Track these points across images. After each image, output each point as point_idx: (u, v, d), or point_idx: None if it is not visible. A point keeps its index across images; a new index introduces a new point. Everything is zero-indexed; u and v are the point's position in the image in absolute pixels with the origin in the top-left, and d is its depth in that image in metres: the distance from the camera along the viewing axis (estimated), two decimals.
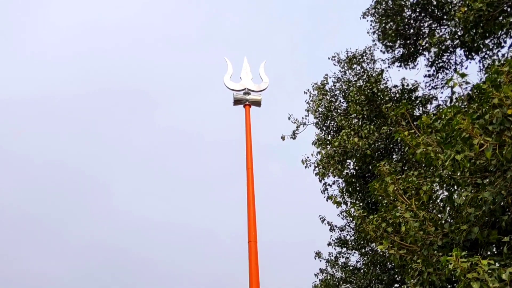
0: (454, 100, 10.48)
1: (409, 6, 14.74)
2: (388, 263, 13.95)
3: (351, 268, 16.55)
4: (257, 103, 11.89)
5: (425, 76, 16.10)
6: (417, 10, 14.83)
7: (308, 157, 14.78)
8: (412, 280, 8.52)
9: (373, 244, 13.87)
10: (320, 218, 16.61)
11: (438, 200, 9.73)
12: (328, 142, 14.82)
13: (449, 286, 9.19)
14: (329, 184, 15.59)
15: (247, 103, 11.83)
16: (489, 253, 8.14)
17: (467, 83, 8.18)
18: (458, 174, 8.24)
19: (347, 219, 17.06)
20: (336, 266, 17.19)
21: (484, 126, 7.11)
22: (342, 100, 15.92)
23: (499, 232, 7.76)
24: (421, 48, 15.21)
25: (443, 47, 14.48)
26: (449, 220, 8.60)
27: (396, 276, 13.96)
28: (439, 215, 8.86)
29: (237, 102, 11.87)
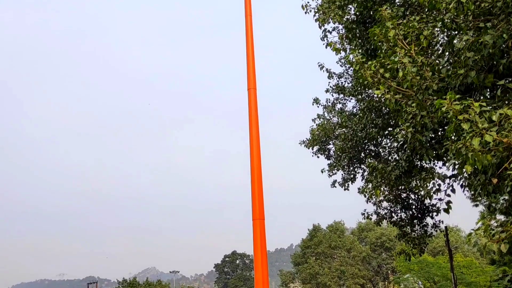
0: None
1: None
2: (384, 108, 14.41)
3: (347, 113, 17.16)
4: None
5: None
6: None
7: (308, 2, 14.33)
8: (405, 123, 8.94)
9: (370, 90, 14.19)
10: (319, 65, 16.71)
11: (438, 45, 9.72)
12: None
13: (440, 129, 9.69)
14: (328, 31, 15.34)
15: None
16: (482, 97, 8.43)
17: None
18: (461, 17, 8.13)
19: (345, 66, 17.19)
20: (333, 112, 17.81)
21: None
22: None
23: (495, 76, 7.94)
24: None
25: None
26: (446, 65, 8.72)
27: (390, 120, 14.54)
28: (438, 60, 8.95)
29: None
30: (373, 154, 16.14)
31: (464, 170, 7.34)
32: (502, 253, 26.66)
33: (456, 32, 8.77)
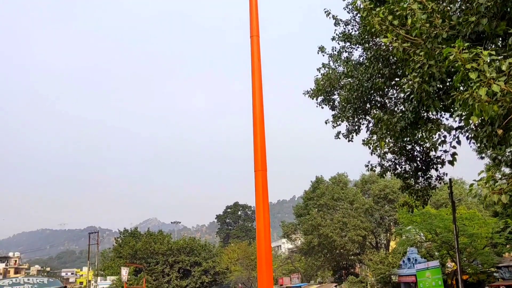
0: None
1: None
2: (391, 57, 14.27)
3: (353, 62, 17.00)
4: None
5: None
6: None
7: None
8: (412, 73, 8.92)
9: (378, 38, 14.00)
10: (325, 12, 16.42)
11: None
12: None
13: (448, 79, 9.66)
14: None
15: None
16: (493, 46, 8.36)
17: None
18: None
19: (353, 13, 16.87)
20: (339, 61, 17.65)
21: None
22: None
23: (507, 24, 7.85)
24: None
25: None
26: (458, 12, 8.59)
27: (397, 70, 14.43)
28: (449, 7, 8.81)
29: None
30: (378, 105, 16.13)
31: (470, 121, 7.40)
32: (505, 205, 27.14)
33: None
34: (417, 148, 16.03)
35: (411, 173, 16.70)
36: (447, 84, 10.28)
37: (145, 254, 57.04)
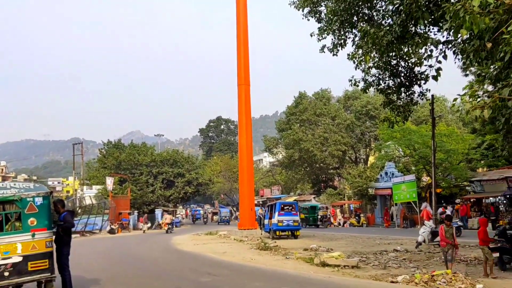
0: None
1: None
2: None
3: None
4: None
5: None
6: None
7: None
8: None
9: None
10: None
11: None
12: None
13: None
14: None
15: None
16: None
17: None
18: None
19: None
20: None
21: None
22: None
23: None
24: None
25: None
26: None
27: None
28: None
29: None
30: (366, 18, 15.68)
31: (459, 34, 7.20)
32: (484, 122, 27.64)
33: None
34: (402, 63, 15.87)
35: (394, 88, 16.68)
36: None
37: (129, 165, 57.73)
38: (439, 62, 11.88)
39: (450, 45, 11.76)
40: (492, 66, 9.75)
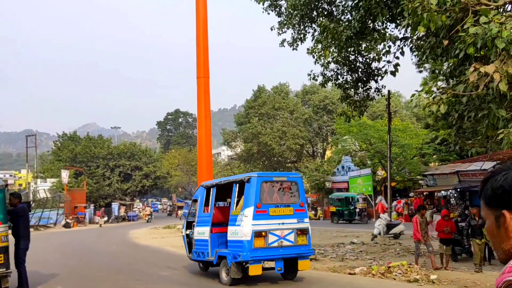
0: None
1: None
2: None
3: None
4: None
5: None
6: None
7: None
8: None
9: None
10: None
11: None
12: None
13: None
14: None
15: None
16: None
17: None
18: None
19: None
20: None
21: None
22: None
23: None
24: None
25: None
26: None
27: None
28: None
29: None
30: (325, 13, 15.81)
31: (417, 31, 7.34)
32: (436, 118, 28.47)
33: None
34: (360, 59, 16.12)
35: (351, 83, 16.93)
36: None
37: (85, 158, 56.27)
38: (397, 58, 12.11)
39: (407, 42, 12.01)
40: (446, 63, 10.01)
